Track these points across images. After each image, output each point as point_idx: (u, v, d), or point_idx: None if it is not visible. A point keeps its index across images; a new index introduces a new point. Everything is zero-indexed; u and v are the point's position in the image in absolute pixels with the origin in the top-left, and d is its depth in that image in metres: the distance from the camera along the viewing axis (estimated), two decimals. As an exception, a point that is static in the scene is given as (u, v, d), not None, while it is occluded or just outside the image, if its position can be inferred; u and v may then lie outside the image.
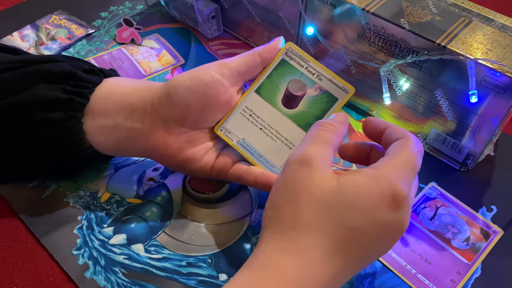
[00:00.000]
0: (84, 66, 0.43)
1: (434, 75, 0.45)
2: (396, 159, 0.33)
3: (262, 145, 0.42)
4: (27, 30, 0.62)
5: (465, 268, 0.42)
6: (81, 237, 0.43)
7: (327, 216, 0.32)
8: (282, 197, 0.33)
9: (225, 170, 0.43)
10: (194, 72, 0.40)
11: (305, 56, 0.42)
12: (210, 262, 0.42)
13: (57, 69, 0.41)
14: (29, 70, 0.41)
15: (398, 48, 0.46)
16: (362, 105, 0.55)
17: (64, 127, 0.40)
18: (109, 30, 0.64)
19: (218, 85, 0.40)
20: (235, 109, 0.43)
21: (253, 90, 0.43)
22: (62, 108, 0.40)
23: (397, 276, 0.41)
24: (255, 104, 0.43)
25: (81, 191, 0.46)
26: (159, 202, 0.46)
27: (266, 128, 0.42)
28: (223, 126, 0.42)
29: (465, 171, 0.50)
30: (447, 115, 0.47)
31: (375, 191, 0.32)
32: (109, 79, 0.44)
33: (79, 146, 0.41)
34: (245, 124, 0.42)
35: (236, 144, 0.42)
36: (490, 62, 0.41)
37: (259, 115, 0.42)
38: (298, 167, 0.33)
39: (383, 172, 0.32)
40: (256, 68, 0.42)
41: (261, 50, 0.42)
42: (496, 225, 0.45)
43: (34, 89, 0.40)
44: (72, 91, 0.41)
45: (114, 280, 0.40)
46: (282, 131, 0.42)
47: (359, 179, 0.32)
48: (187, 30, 0.65)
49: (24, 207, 0.45)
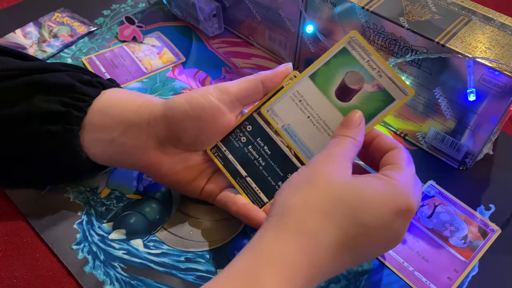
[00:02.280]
0: (83, 76, 0.43)
1: (433, 74, 0.46)
2: (404, 170, 0.36)
3: (307, 134, 0.40)
4: (30, 27, 0.63)
5: (462, 266, 0.42)
6: (81, 232, 0.43)
7: (339, 206, 0.32)
8: (303, 180, 0.34)
9: (214, 195, 0.42)
10: (192, 95, 0.40)
11: (369, 49, 0.38)
12: (208, 258, 0.42)
13: (55, 81, 0.41)
14: (27, 80, 0.40)
15: (397, 46, 0.46)
16: (361, 104, 0.55)
17: (61, 140, 0.40)
18: (111, 28, 0.64)
19: (215, 111, 0.39)
20: (285, 92, 0.40)
21: (307, 75, 0.40)
22: (59, 121, 0.40)
23: (394, 273, 0.41)
24: (307, 90, 0.40)
25: (81, 186, 0.46)
26: (158, 198, 0.46)
27: (314, 117, 0.40)
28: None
29: (464, 169, 0.50)
30: (446, 114, 0.47)
31: (390, 196, 0.33)
32: (107, 91, 0.43)
33: (76, 157, 0.41)
34: (293, 109, 0.40)
35: (281, 128, 0.40)
36: (488, 60, 0.41)
37: (309, 102, 0.40)
38: (323, 160, 0.35)
39: (400, 184, 0.34)
40: (257, 95, 0.41)
41: (264, 78, 0.41)
42: (494, 224, 0.45)
43: (32, 100, 0.40)
44: (70, 103, 0.40)
45: (113, 274, 0.40)
46: (330, 123, 0.39)
47: (375, 181, 0.34)
48: (189, 28, 0.65)
49: (25, 202, 0.45)
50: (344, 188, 0.33)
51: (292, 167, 0.40)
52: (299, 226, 0.32)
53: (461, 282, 0.41)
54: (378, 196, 0.33)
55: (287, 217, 0.33)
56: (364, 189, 0.33)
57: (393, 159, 0.37)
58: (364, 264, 0.42)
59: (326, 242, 0.32)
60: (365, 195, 0.33)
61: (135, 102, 0.42)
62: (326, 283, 0.41)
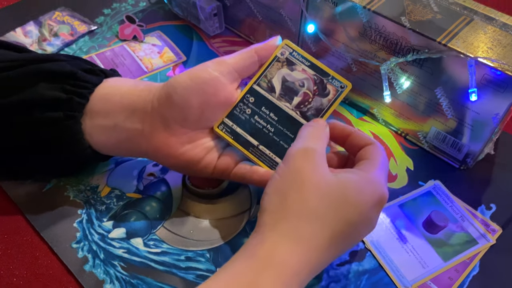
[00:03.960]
0: (85, 65, 0.43)
1: (435, 74, 0.45)
2: (380, 165, 0.37)
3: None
4: (30, 26, 0.63)
5: (463, 265, 0.42)
6: (81, 231, 0.43)
7: (330, 208, 0.34)
8: (287, 184, 0.35)
9: (228, 171, 0.42)
10: (192, 71, 0.40)
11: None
12: (208, 257, 0.42)
13: (57, 69, 0.41)
14: (30, 69, 0.41)
15: (399, 46, 0.46)
16: (362, 103, 0.55)
17: (63, 127, 0.40)
18: (111, 27, 0.64)
19: (216, 82, 0.40)
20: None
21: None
22: (61, 107, 0.40)
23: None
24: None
25: (81, 185, 0.46)
26: (158, 197, 0.46)
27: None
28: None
29: (465, 169, 0.50)
30: (447, 113, 0.47)
31: (370, 191, 0.35)
32: (109, 80, 0.43)
33: (78, 146, 0.41)
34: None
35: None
36: (490, 60, 0.41)
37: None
38: (303, 159, 0.36)
39: (373, 176, 0.36)
40: (253, 65, 0.42)
41: (257, 48, 0.42)
42: (495, 223, 0.45)
43: (35, 88, 0.40)
44: (72, 91, 0.41)
45: (113, 273, 0.40)
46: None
47: (355, 179, 0.36)
48: (189, 27, 0.65)
49: (25, 200, 0.45)
50: (330, 189, 0.34)
51: (300, 126, 0.41)
52: (295, 234, 0.33)
53: (461, 282, 0.41)
54: (360, 193, 0.35)
55: (281, 225, 0.34)
56: (348, 188, 0.35)
57: (369, 154, 0.38)
58: (365, 264, 0.42)
59: (320, 244, 0.33)
60: (350, 195, 0.34)
61: (137, 87, 0.42)
62: (326, 283, 0.40)
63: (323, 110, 0.41)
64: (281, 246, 0.33)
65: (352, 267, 0.42)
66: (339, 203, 0.34)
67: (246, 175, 0.42)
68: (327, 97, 0.41)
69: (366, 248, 0.43)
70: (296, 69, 0.42)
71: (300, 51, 0.42)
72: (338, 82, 0.41)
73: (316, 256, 0.33)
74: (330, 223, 0.34)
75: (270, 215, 0.34)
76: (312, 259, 0.33)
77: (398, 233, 0.44)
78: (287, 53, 0.43)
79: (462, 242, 0.44)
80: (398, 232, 0.44)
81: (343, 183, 0.35)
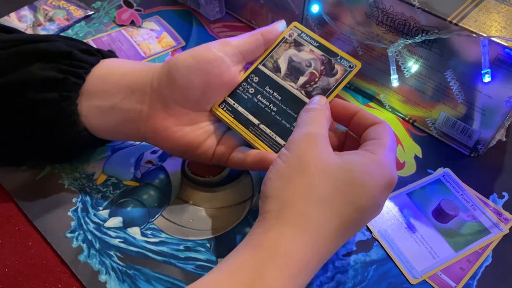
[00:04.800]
0: (81, 46, 0.42)
1: (445, 55, 0.43)
2: (388, 146, 0.35)
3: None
4: (25, 11, 0.61)
5: (475, 256, 0.40)
6: (76, 220, 0.41)
7: (338, 193, 0.32)
8: (292, 169, 0.33)
9: (226, 156, 0.41)
10: (195, 50, 0.39)
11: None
12: (209, 247, 0.40)
13: (52, 48, 0.40)
14: (24, 49, 0.40)
15: (407, 27, 0.44)
16: (369, 89, 0.53)
17: (58, 108, 0.39)
18: (108, 12, 0.62)
19: (220, 63, 0.39)
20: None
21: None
22: (56, 88, 0.39)
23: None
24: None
25: (76, 173, 0.44)
26: (157, 185, 0.44)
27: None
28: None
29: (476, 156, 0.48)
30: (457, 98, 0.45)
31: (379, 174, 0.33)
32: (107, 60, 0.42)
33: (73, 128, 0.40)
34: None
35: None
36: (504, 39, 0.39)
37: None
38: (306, 144, 0.34)
39: (383, 158, 0.34)
40: (258, 48, 0.41)
41: (264, 31, 0.41)
42: (507, 212, 0.43)
43: (28, 68, 0.39)
44: (68, 70, 0.39)
45: (108, 264, 0.39)
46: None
47: (363, 160, 0.34)
48: (189, 12, 0.63)
49: (17, 188, 0.43)
50: (337, 173, 0.33)
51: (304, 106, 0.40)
52: (303, 220, 0.31)
53: (474, 273, 0.39)
54: (369, 176, 0.33)
55: (287, 211, 0.32)
56: (356, 171, 0.33)
57: (376, 134, 0.36)
58: (372, 254, 0.40)
59: (328, 232, 0.32)
60: (358, 178, 0.33)
61: (136, 68, 0.41)
62: (332, 273, 0.39)
63: (330, 90, 0.40)
64: (287, 235, 0.31)
65: (359, 257, 0.40)
66: (347, 187, 0.32)
67: (241, 159, 0.40)
68: (335, 76, 0.40)
69: (374, 238, 0.41)
70: (303, 50, 0.41)
71: (309, 33, 0.41)
72: (347, 62, 0.40)
73: (325, 244, 0.32)
74: (338, 208, 0.32)
75: (273, 201, 0.32)
76: (321, 248, 0.31)
77: (407, 222, 0.42)
78: (295, 35, 0.41)
79: (474, 231, 0.42)
80: (406, 221, 0.42)
81: (350, 165, 0.33)
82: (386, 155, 0.34)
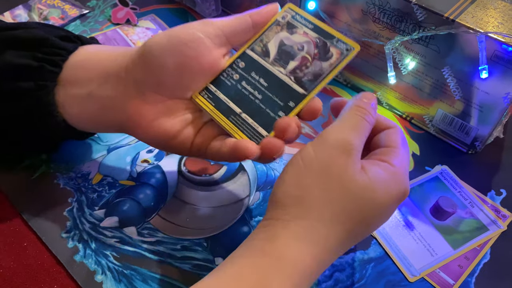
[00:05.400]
0: (59, 32, 0.40)
1: (442, 52, 0.43)
2: (404, 155, 0.34)
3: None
4: (19, 10, 0.60)
5: (473, 253, 0.40)
6: (71, 220, 0.41)
7: (354, 212, 0.31)
8: (314, 179, 0.31)
9: (204, 147, 0.37)
10: (172, 30, 0.35)
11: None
12: (206, 246, 0.40)
13: (27, 35, 0.38)
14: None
15: (404, 23, 0.44)
16: (366, 87, 0.52)
17: (33, 98, 0.37)
18: (104, 11, 0.62)
19: (199, 44, 0.35)
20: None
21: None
22: (32, 77, 0.37)
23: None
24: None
25: (72, 172, 0.44)
26: (153, 184, 0.44)
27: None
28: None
29: (473, 153, 0.48)
30: (454, 94, 0.45)
31: (396, 190, 0.32)
32: (86, 47, 0.39)
33: (51, 119, 0.38)
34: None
35: None
36: (501, 35, 0.39)
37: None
38: (340, 153, 0.31)
39: (400, 170, 0.33)
40: (246, 31, 0.37)
41: (253, 13, 0.37)
42: (505, 209, 0.43)
43: (2, 56, 0.37)
44: (44, 58, 0.37)
45: (105, 263, 0.38)
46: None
47: (385, 177, 0.32)
48: (185, 10, 0.62)
49: (12, 188, 0.43)
50: (361, 193, 0.31)
51: (294, 94, 0.36)
52: (312, 235, 0.30)
53: (472, 270, 0.39)
54: (389, 195, 0.32)
55: (297, 223, 0.30)
56: (378, 190, 0.31)
57: (390, 141, 0.34)
58: (370, 252, 0.40)
59: (334, 246, 0.31)
60: (379, 198, 0.31)
61: (114, 52, 0.38)
62: (330, 272, 0.38)
63: (322, 75, 0.36)
64: (294, 246, 0.30)
65: (357, 255, 0.40)
66: (365, 207, 0.31)
67: (216, 149, 0.36)
68: (329, 61, 0.36)
69: (372, 236, 0.41)
70: (296, 32, 0.37)
71: (304, 14, 0.37)
72: (344, 45, 0.36)
73: (330, 256, 0.31)
74: (348, 224, 0.31)
75: (285, 210, 0.31)
76: (326, 260, 0.31)
77: (405, 220, 0.42)
78: (289, 16, 0.38)
79: (472, 228, 0.42)
80: (404, 219, 0.42)
81: (373, 184, 0.31)
82: (402, 167, 0.33)
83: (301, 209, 0.31)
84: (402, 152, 0.34)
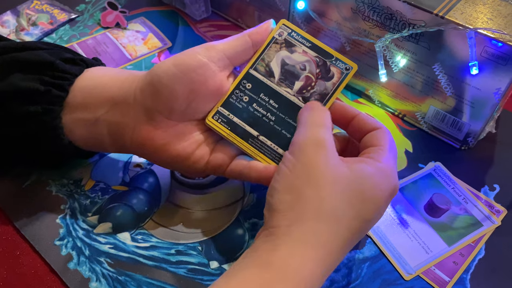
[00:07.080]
0: (65, 55, 0.40)
1: (432, 49, 0.43)
2: (391, 152, 0.35)
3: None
4: (7, 15, 0.60)
5: (468, 249, 0.40)
6: (64, 227, 0.41)
7: (348, 207, 0.32)
8: (301, 180, 0.32)
9: (223, 167, 0.38)
10: (178, 57, 0.37)
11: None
12: (200, 250, 0.40)
13: (34, 58, 0.38)
14: (4, 59, 0.38)
15: (393, 21, 0.44)
16: (357, 85, 0.52)
17: (40, 122, 0.38)
18: (93, 15, 0.61)
19: (205, 69, 0.36)
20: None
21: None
22: (39, 101, 0.37)
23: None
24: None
25: (64, 179, 0.44)
26: (146, 189, 0.43)
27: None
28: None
29: (466, 149, 0.48)
30: (446, 91, 0.45)
31: (386, 185, 0.33)
32: (91, 69, 0.40)
33: (57, 142, 0.39)
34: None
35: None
36: (491, 31, 0.39)
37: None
38: (314, 150, 0.33)
39: (388, 167, 0.34)
40: (246, 51, 0.38)
41: (251, 32, 0.38)
42: (499, 204, 0.43)
43: (9, 79, 0.37)
44: (51, 82, 0.38)
45: (99, 270, 0.38)
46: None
47: (371, 171, 0.33)
48: (175, 12, 0.62)
49: (4, 196, 0.42)
50: (346, 184, 0.32)
51: None
52: (313, 239, 0.31)
53: (467, 267, 0.39)
54: (378, 188, 0.33)
55: (297, 228, 0.31)
56: (365, 183, 0.32)
57: (377, 140, 0.35)
58: (365, 251, 0.40)
59: (336, 248, 0.32)
60: (367, 190, 0.32)
61: (119, 77, 0.39)
62: (326, 272, 0.38)
63: (328, 95, 0.38)
64: (297, 254, 0.30)
65: (352, 255, 0.40)
66: (356, 200, 0.32)
67: (243, 172, 0.37)
68: (331, 80, 0.38)
69: (366, 235, 0.41)
70: (296, 51, 0.39)
71: (299, 31, 0.39)
72: (342, 64, 0.38)
73: (332, 260, 0.31)
74: (348, 222, 0.31)
75: (283, 216, 0.31)
76: (328, 264, 0.31)
77: (399, 218, 0.42)
78: (285, 34, 0.39)
79: (466, 225, 0.42)
80: (399, 217, 0.42)
81: (359, 177, 0.32)
82: (390, 163, 0.34)
83: (297, 211, 0.31)
84: (389, 151, 0.35)
